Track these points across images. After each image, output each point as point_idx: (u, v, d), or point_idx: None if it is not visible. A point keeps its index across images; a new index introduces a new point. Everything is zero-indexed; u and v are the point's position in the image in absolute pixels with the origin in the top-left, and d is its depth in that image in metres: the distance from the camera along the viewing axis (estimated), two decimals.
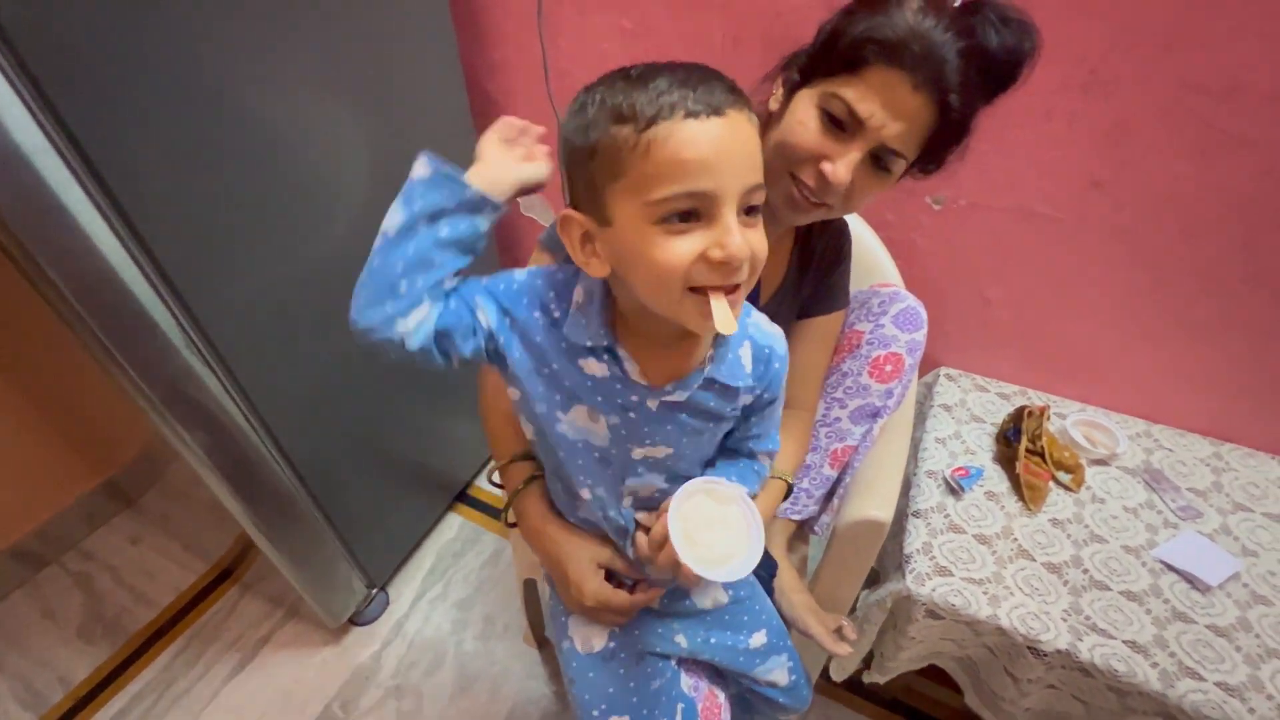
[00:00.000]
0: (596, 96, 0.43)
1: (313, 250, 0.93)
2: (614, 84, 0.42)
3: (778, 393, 0.58)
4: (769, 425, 0.61)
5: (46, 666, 1.20)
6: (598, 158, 0.42)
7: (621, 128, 0.41)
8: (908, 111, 0.54)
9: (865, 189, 0.60)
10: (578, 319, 0.50)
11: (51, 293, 0.67)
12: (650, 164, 0.40)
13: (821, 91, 0.57)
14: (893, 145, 0.56)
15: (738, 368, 0.54)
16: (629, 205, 0.42)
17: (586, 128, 0.43)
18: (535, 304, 0.52)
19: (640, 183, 0.41)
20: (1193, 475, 0.96)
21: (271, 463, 0.97)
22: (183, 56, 0.70)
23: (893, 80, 0.53)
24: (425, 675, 1.18)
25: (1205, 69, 0.79)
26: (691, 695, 0.69)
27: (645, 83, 0.41)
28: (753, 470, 0.62)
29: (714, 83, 0.41)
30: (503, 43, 1.19)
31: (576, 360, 0.51)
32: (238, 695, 1.16)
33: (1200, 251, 0.90)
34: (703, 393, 0.53)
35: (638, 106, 0.40)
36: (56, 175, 0.63)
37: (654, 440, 0.54)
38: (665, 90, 0.40)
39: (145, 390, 0.78)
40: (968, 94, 0.54)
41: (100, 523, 1.42)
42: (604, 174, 0.42)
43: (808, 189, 0.60)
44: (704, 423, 0.55)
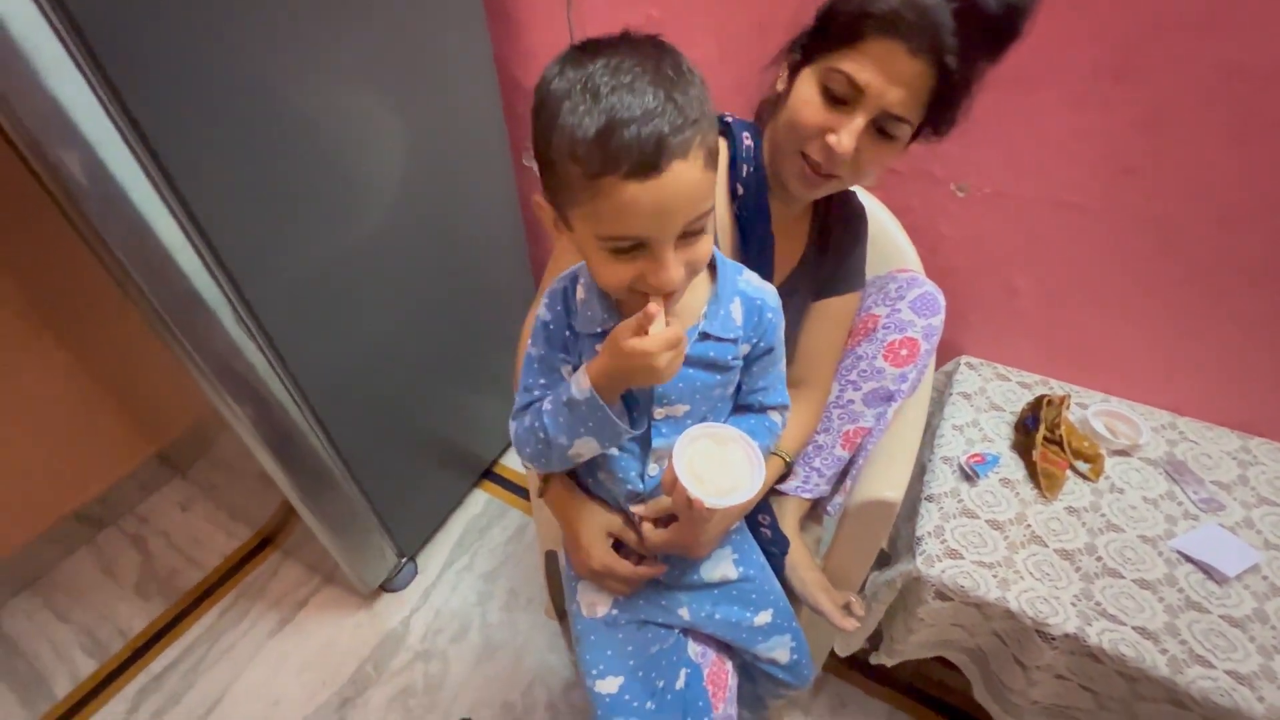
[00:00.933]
0: (556, 105, 0.43)
1: (352, 234, 0.98)
2: (571, 96, 0.43)
3: (774, 342, 0.62)
4: (773, 378, 0.65)
5: (107, 619, 1.30)
6: (556, 177, 0.46)
7: (574, 166, 0.43)
8: (906, 77, 0.55)
9: (873, 157, 0.61)
10: (584, 311, 0.58)
11: (117, 271, 0.73)
12: (598, 205, 0.44)
13: (822, 68, 0.59)
14: (894, 111, 0.57)
15: (729, 321, 0.59)
16: (582, 224, 0.48)
17: (548, 137, 0.45)
18: (559, 302, 0.60)
19: (590, 214, 0.46)
20: (1218, 468, 0.95)
21: (312, 436, 1.03)
22: (236, 50, 0.75)
23: (890, 49, 0.55)
24: (451, 642, 1.24)
25: (1246, 52, 0.77)
26: (698, 661, 0.72)
27: (596, 110, 0.41)
28: (764, 426, 0.66)
29: (660, 122, 0.41)
30: (533, 30, 1.22)
31: (595, 347, 0.57)
32: (279, 651, 1.23)
33: (1236, 242, 0.88)
34: (701, 345, 0.58)
35: (586, 154, 0.42)
36: (122, 161, 0.68)
37: (670, 400, 0.58)
38: (613, 134, 0.41)
39: (199, 363, 0.84)
40: (966, 53, 0.54)
41: (153, 490, 1.52)
42: (563, 195, 0.47)
43: (816, 163, 0.62)
44: (710, 374, 0.59)
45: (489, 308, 1.34)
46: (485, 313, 1.33)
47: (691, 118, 0.43)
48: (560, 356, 0.61)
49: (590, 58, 0.43)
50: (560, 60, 0.45)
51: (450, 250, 1.19)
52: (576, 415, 0.55)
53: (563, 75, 0.44)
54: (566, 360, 0.61)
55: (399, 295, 1.11)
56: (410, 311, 1.15)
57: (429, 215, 1.11)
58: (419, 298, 1.15)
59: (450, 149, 1.11)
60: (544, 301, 0.61)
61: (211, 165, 0.76)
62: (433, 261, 1.16)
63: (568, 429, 0.56)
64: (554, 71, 0.45)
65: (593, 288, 0.57)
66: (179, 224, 0.74)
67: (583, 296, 0.58)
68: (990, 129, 0.93)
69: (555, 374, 0.62)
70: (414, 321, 1.16)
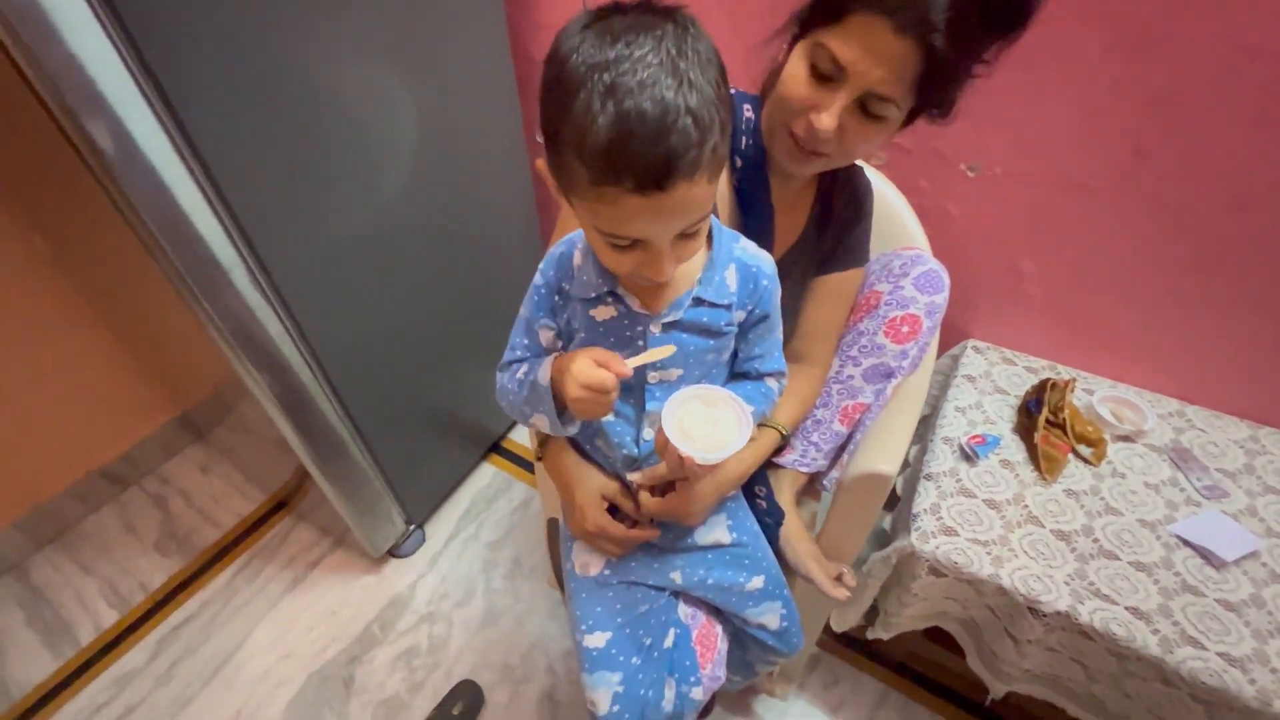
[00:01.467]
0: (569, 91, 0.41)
1: (367, 204, 1.00)
2: (586, 87, 0.41)
3: (769, 309, 0.63)
4: (769, 345, 0.66)
5: (129, 573, 1.35)
6: (561, 163, 0.45)
7: (579, 164, 0.43)
8: (890, 55, 0.53)
9: (860, 136, 0.60)
10: (580, 277, 0.59)
11: (141, 230, 0.76)
12: (599, 207, 0.45)
13: (810, 43, 0.58)
14: (879, 91, 0.55)
15: (723, 288, 0.59)
16: (583, 212, 0.48)
17: (556, 120, 0.43)
18: (552, 267, 0.61)
19: (591, 210, 0.47)
20: (1224, 456, 0.94)
21: (326, 404, 1.06)
22: (258, 18, 0.77)
23: (874, 25, 0.53)
24: (456, 606, 1.28)
25: (1263, 32, 0.75)
26: (688, 623, 0.74)
27: (609, 115, 0.40)
28: (760, 392, 0.67)
29: (673, 141, 0.40)
30: (548, 5, 1.22)
31: (588, 312, 0.59)
32: (290, 609, 1.28)
33: (1249, 226, 0.87)
34: (695, 310, 0.58)
35: (592, 160, 0.42)
36: (145, 123, 0.71)
37: (664, 364, 0.59)
38: (623, 148, 0.40)
39: (218, 325, 0.87)
40: (956, 33, 0.52)
41: (175, 452, 1.58)
42: (565, 181, 0.47)
43: (801, 139, 0.61)
44: (704, 340, 0.60)
45: (501, 281, 1.36)
46: (497, 286, 1.35)
47: (704, 131, 0.42)
48: (542, 320, 0.63)
49: (611, 38, 0.41)
50: (579, 31, 0.43)
51: (464, 222, 1.21)
52: (535, 396, 0.60)
53: (579, 53, 0.41)
54: (549, 325, 0.63)
55: (413, 267, 1.13)
56: (423, 284, 1.17)
57: (442, 187, 1.13)
58: (432, 269, 1.17)
59: (463, 121, 1.13)
60: (540, 266, 0.62)
61: (232, 130, 0.79)
62: (446, 233, 1.18)
63: (530, 402, 0.61)
64: (571, 44, 0.42)
65: (589, 254, 0.58)
66: (199, 187, 0.77)
67: (579, 262, 0.59)
68: (1000, 108, 0.92)
69: (535, 336, 0.64)
70: (427, 294, 1.19)
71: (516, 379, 0.63)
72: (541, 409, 0.60)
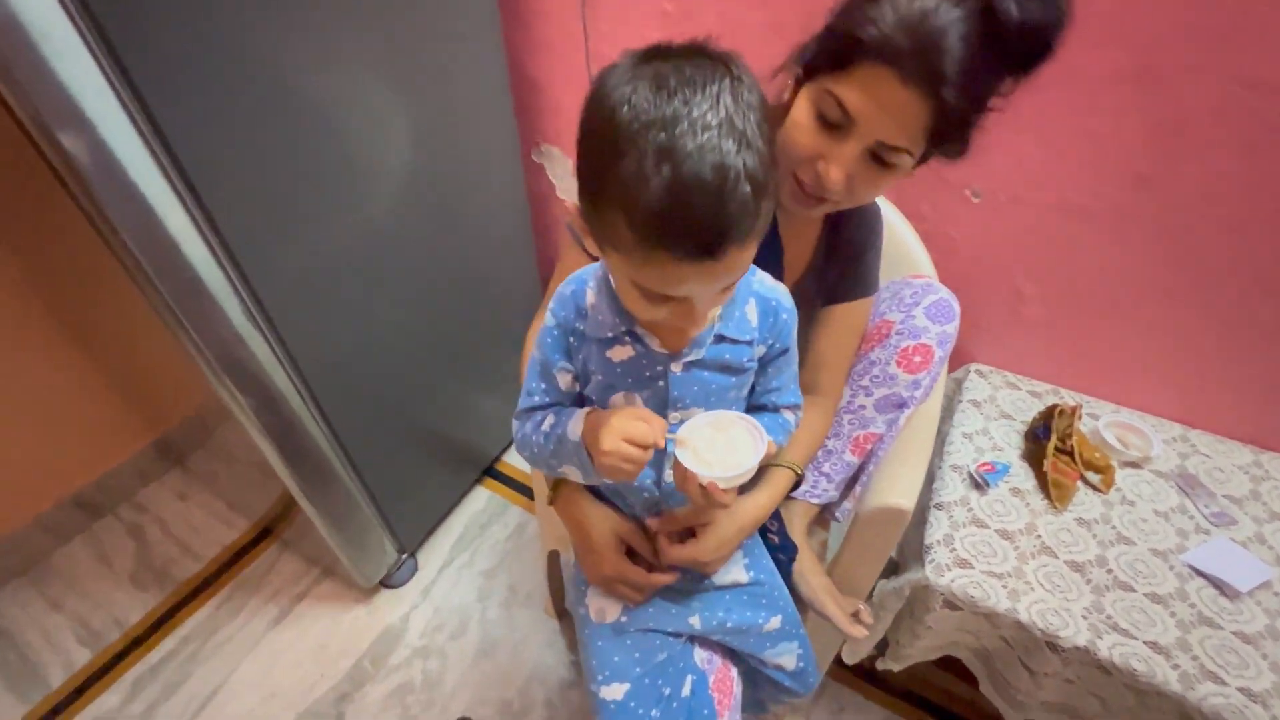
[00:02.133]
0: (618, 145, 0.39)
1: (358, 227, 0.97)
2: (639, 144, 0.38)
3: (789, 343, 0.61)
4: (786, 379, 0.64)
5: (102, 608, 1.28)
6: (601, 218, 0.43)
7: (625, 225, 0.41)
8: (899, 107, 0.52)
9: (869, 184, 0.59)
10: (594, 317, 0.56)
11: (126, 257, 0.72)
12: (640, 266, 0.43)
13: (817, 89, 0.56)
14: (889, 141, 0.54)
15: (744, 323, 0.57)
16: (619, 264, 0.46)
17: (600, 174, 0.41)
18: (563, 307, 0.58)
19: (630, 266, 0.44)
20: (1230, 482, 0.94)
21: (314, 428, 1.02)
22: (248, 36, 0.74)
23: (881, 76, 0.51)
24: (450, 638, 1.23)
25: (1262, 64, 0.76)
26: (704, 669, 0.72)
27: (664, 179, 0.38)
28: (778, 424, 0.65)
29: (730, 211, 0.38)
30: (545, 22, 1.21)
31: (604, 353, 0.56)
32: (276, 645, 1.22)
33: (1249, 251, 0.88)
34: (717, 347, 0.56)
35: (642, 224, 0.39)
36: (131, 147, 0.67)
37: (685, 403, 0.57)
38: (677, 218, 0.38)
39: (204, 351, 0.82)
40: (969, 82, 0.50)
41: (152, 478, 1.51)
42: (603, 234, 0.45)
43: (808, 186, 0.60)
44: (725, 377, 0.58)
45: (495, 303, 1.33)
46: (491, 308, 1.32)
47: (760, 194, 0.40)
48: (560, 364, 0.59)
49: (668, 92, 0.38)
50: (629, 77, 0.40)
51: (457, 244, 1.18)
52: (566, 450, 0.57)
53: (631, 105, 0.39)
54: (566, 368, 0.59)
55: (405, 288, 1.10)
56: (416, 305, 1.14)
57: (436, 208, 1.10)
58: (425, 291, 1.14)
59: (459, 142, 1.10)
60: (550, 306, 0.59)
61: (222, 153, 0.75)
62: (439, 255, 1.15)
63: (558, 455, 0.58)
64: (621, 93, 0.39)
65: (603, 292, 0.55)
66: (188, 212, 0.73)
67: (592, 301, 0.56)
68: (1004, 134, 0.92)
69: (553, 380, 0.60)
70: (419, 315, 1.15)
71: (542, 431, 0.59)
72: (571, 461, 0.57)
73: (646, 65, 0.40)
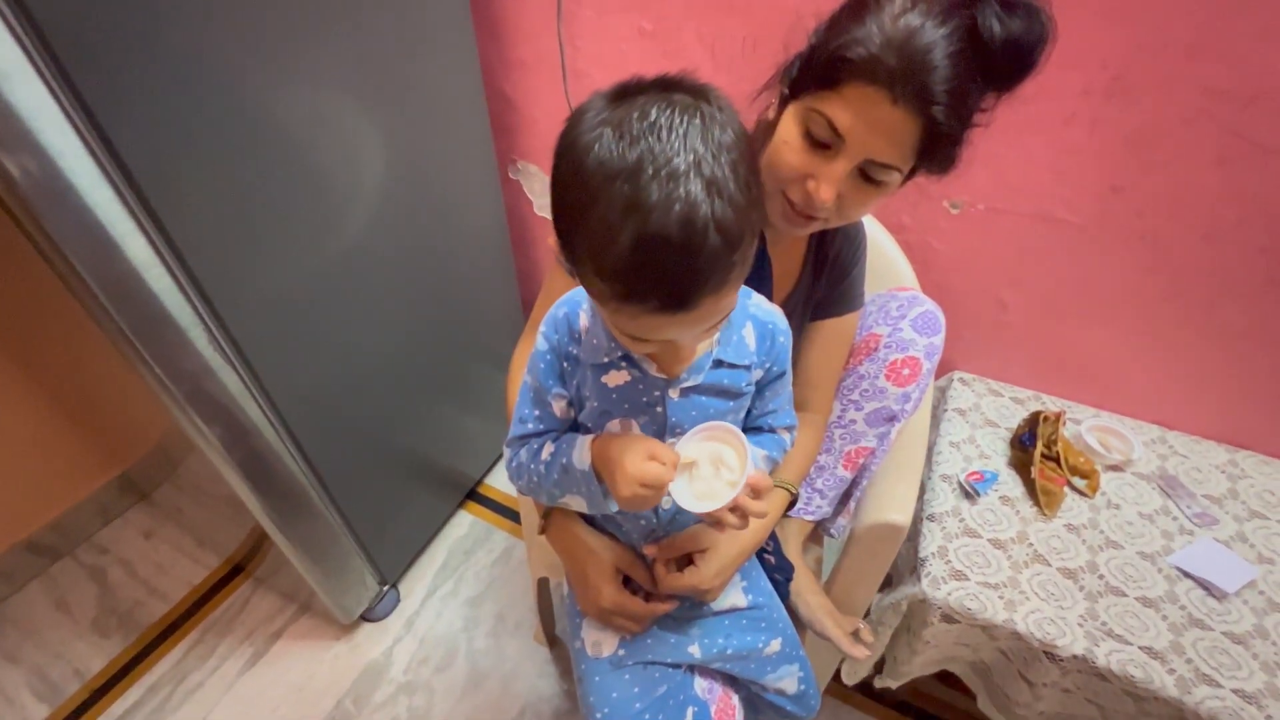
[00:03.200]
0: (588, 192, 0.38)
1: (333, 250, 0.94)
2: (608, 193, 0.37)
3: (785, 366, 0.61)
4: (783, 400, 0.63)
5: (61, 658, 1.21)
6: (576, 266, 0.42)
7: (597, 277, 0.40)
8: (888, 126, 0.52)
9: (858, 201, 0.59)
10: (589, 342, 0.54)
11: (81, 290, 0.68)
12: (617, 315, 0.43)
13: (804, 108, 0.55)
14: (879, 159, 0.54)
15: (743, 347, 0.56)
16: (600, 307, 0.45)
17: (573, 222, 0.40)
18: (556, 330, 0.56)
19: (609, 313, 0.44)
20: (1208, 482, 0.96)
21: (288, 458, 0.97)
22: (211, 56, 0.71)
23: (871, 96, 0.51)
24: (436, 672, 1.19)
25: (1229, 76, 0.78)
26: (705, 698, 0.69)
27: (633, 230, 0.36)
28: (774, 441, 0.64)
29: (702, 262, 0.37)
30: (521, 42, 1.19)
31: (600, 378, 0.54)
32: (251, 689, 1.16)
33: (1221, 257, 0.90)
34: (715, 373, 0.55)
35: (613, 277, 0.39)
36: (86, 174, 0.63)
37: (683, 429, 0.55)
38: (647, 271, 0.37)
39: (168, 385, 0.78)
40: (957, 101, 0.50)
41: (114, 516, 1.44)
42: (580, 277, 0.44)
43: (798, 205, 0.59)
44: (724, 402, 0.57)
45: (473, 324, 1.30)
46: (469, 329, 1.30)
47: (733, 243, 0.38)
48: (554, 389, 0.57)
49: (631, 137, 0.37)
50: (596, 120, 0.38)
51: (434, 266, 1.15)
52: (570, 480, 0.55)
53: (596, 153, 0.37)
54: (561, 394, 0.57)
55: (380, 311, 1.06)
56: (392, 328, 1.10)
57: (412, 230, 1.07)
58: (401, 314, 1.11)
59: (434, 162, 1.08)
60: (542, 330, 0.57)
61: (185, 179, 0.72)
62: (416, 277, 1.12)
63: (561, 485, 0.56)
64: (588, 138, 0.38)
65: (597, 316, 0.54)
66: (149, 240, 0.69)
67: (585, 324, 0.55)
68: (983, 146, 0.93)
69: (547, 407, 0.58)
70: (396, 338, 1.12)
71: (542, 460, 0.57)
72: (577, 491, 0.55)
73: (614, 108, 0.39)
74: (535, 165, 1.38)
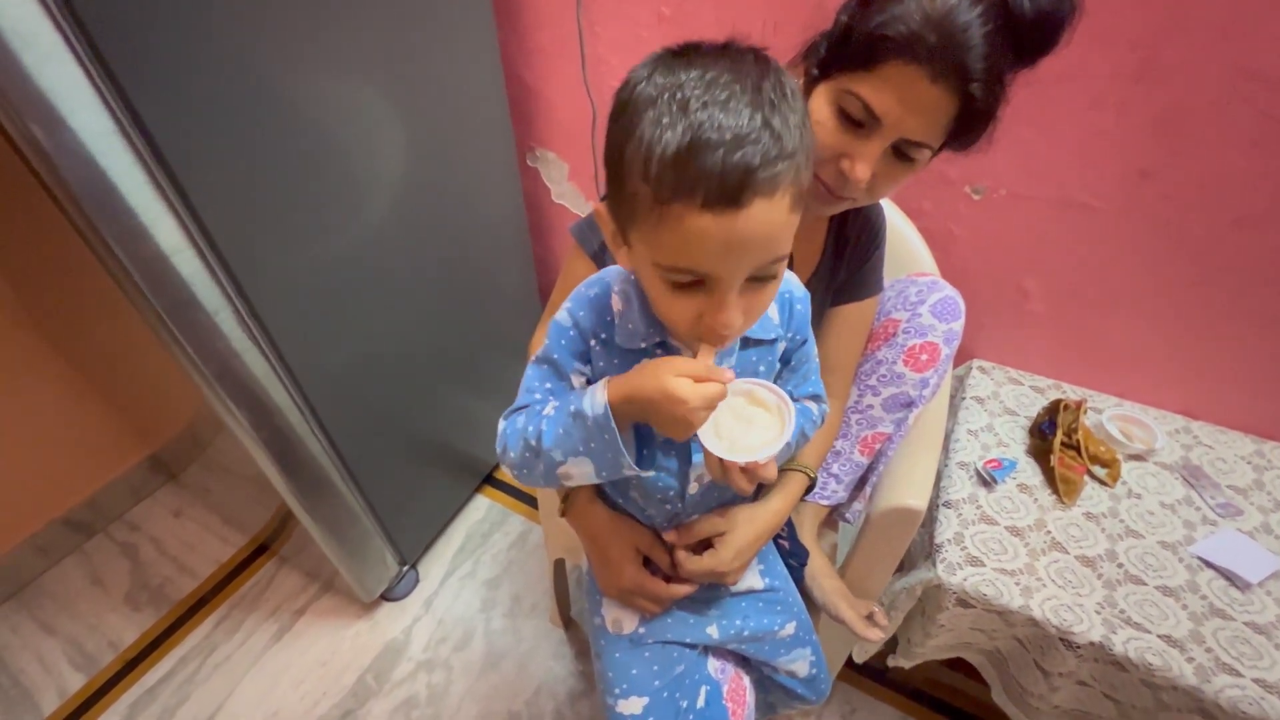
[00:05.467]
0: (637, 115, 0.39)
1: (354, 234, 0.95)
2: (656, 105, 0.38)
3: (807, 333, 0.60)
4: (809, 369, 0.62)
5: (96, 630, 1.25)
6: (622, 192, 0.42)
7: (644, 184, 0.39)
8: (927, 104, 0.52)
9: (890, 179, 0.59)
10: (624, 326, 0.53)
11: (117, 271, 0.70)
12: (662, 233, 0.40)
13: (837, 88, 0.55)
14: (914, 138, 0.54)
15: (768, 321, 0.56)
16: (642, 248, 0.43)
17: (621, 146, 0.41)
18: (584, 308, 0.54)
19: (652, 240, 0.42)
20: (1233, 472, 0.94)
21: (312, 439, 1.00)
22: (241, 46, 0.72)
23: (909, 74, 0.51)
24: (454, 651, 1.21)
25: (1263, 57, 0.76)
26: (718, 678, 0.70)
27: (681, 125, 0.37)
28: (804, 412, 0.63)
29: (752, 150, 0.37)
30: (540, 28, 1.20)
31: (631, 365, 0.51)
32: (277, 663, 1.20)
33: (1250, 244, 0.88)
34: (744, 352, 0.55)
35: (659, 174, 0.38)
36: (121, 158, 0.65)
37: None
38: (695, 156, 0.37)
39: (198, 364, 0.80)
40: (993, 78, 0.51)
41: (145, 495, 1.48)
42: (625, 212, 0.43)
43: (830, 185, 0.59)
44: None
45: (492, 310, 1.32)
46: (488, 315, 1.31)
47: (788, 149, 0.38)
48: (575, 366, 0.55)
49: (684, 65, 0.39)
50: (649, 63, 0.41)
51: (454, 252, 1.17)
52: (580, 431, 0.49)
53: (650, 81, 0.40)
54: (581, 371, 0.55)
55: (401, 297, 1.08)
56: (413, 313, 1.12)
57: (433, 216, 1.09)
58: (422, 298, 1.13)
59: (454, 149, 1.09)
60: (567, 306, 0.55)
61: (215, 164, 0.73)
62: (436, 263, 1.13)
63: (564, 443, 0.50)
64: (641, 75, 0.41)
65: (632, 299, 0.52)
66: (181, 224, 0.71)
67: (620, 308, 0.53)
68: (1007, 130, 0.91)
69: (564, 382, 0.56)
70: (417, 323, 1.14)
71: (543, 417, 0.52)
72: (584, 450, 0.49)
73: (670, 56, 0.41)
74: (553, 153, 1.38)
